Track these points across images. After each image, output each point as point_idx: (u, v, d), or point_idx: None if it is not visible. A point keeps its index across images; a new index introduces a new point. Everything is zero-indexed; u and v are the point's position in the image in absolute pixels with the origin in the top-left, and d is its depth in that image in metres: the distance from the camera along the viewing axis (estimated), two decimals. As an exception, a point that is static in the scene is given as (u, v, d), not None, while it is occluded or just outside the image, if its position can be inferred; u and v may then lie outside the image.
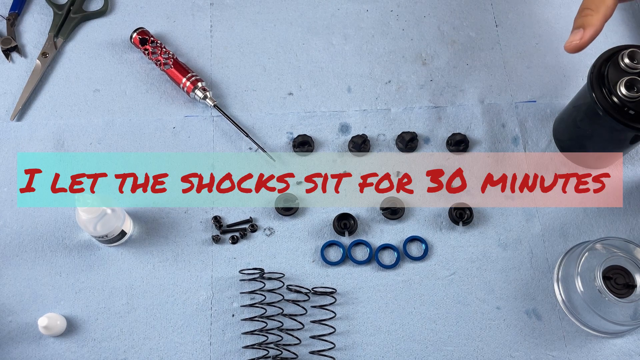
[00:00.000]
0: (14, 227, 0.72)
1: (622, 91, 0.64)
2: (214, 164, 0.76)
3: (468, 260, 0.72)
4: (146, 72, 0.80)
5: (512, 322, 0.70)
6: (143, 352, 0.68)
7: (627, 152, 0.76)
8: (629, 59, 0.65)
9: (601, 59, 0.68)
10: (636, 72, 0.66)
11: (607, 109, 0.66)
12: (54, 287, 0.70)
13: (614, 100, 0.65)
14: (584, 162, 0.76)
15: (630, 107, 0.64)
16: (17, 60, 0.81)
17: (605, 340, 0.69)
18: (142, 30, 0.80)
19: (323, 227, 0.73)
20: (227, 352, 0.68)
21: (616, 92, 0.65)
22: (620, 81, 0.65)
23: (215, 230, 0.73)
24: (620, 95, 0.65)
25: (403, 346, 0.69)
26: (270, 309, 0.68)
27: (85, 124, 0.77)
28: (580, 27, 0.65)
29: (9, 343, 0.67)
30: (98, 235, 0.67)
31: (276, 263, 0.72)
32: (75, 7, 0.83)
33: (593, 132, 0.72)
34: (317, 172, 0.76)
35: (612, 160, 0.77)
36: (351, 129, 0.78)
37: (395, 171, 0.76)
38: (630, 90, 0.64)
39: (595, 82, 0.67)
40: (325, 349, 0.67)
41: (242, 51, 0.82)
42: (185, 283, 0.70)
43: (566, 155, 0.77)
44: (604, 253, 0.69)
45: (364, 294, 0.71)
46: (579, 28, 0.65)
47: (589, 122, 0.70)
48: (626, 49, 0.66)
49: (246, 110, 0.79)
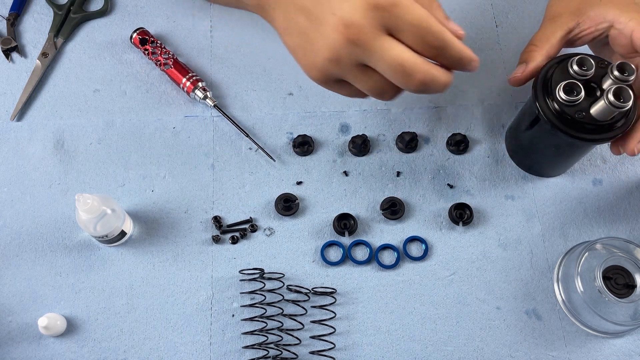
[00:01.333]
0: (14, 227, 0.72)
1: (561, 95, 0.64)
2: (214, 164, 0.76)
3: (468, 260, 0.72)
4: (146, 72, 0.80)
5: (512, 322, 0.70)
6: (143, 352, 0.68)
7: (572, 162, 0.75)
8: (577, 66, 0.64)
9: (549, 65, 0.67)
10: (585, 79, 0.65)
11: (547, 114, 0.65)
12: (54, 287, 0.70)
13: (554, 106, 0.65)
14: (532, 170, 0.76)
15: (569, 113, 0.64)
16: (17, 60, 0.81)
17: (605, 340, 0.69)
18: (142, 30, 0.80)
19: (323, 227, 0.73)
20: (227, 352, 0.68)
21: (555, 97, 0.64)
22: (559, 86, 0.64)
23: (215, 230, 0.73)
24: (559, 100, 0.64)
25: (403, 346, 0.69)
26: (270, 309, 0.68)
27: (85, 124, 0.77)
28: (523, 62, 0.70)
29: (9, 343, 0.67)
30: (98, 235, 0.67)
31: (276, 263, 0.72)
32: (75, 7, 0.83)
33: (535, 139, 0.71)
34: (317, 172, 0.76)
35: (561, 170, 0.76)
36: (351, 129, 0.78)
37: (395, 171, 0.76)
38: (570, 95, 0.63)
39: (539, 87, 0.66)
40: (325, 349, 0.67)
41: (242, 51, 0.82)
42: (185, 283, 0.70)
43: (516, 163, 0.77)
44: (604, 253, 0.69)
45: (364, 294, 0.71)
46: (522, 63, 0.70)
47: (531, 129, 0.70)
48: (576, 56, 0.65)
49: (246, 110, 0.79)
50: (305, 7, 0.60)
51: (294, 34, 0.62)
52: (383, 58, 0.57)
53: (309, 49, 0.61)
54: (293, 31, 0.62)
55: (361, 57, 0.58)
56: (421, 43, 0.57)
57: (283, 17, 0.63)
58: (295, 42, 0.62)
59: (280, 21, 0.63)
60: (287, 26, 0.62)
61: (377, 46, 0.57)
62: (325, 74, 0.61)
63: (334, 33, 0.57)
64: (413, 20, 0.57)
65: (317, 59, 0.60)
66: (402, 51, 0.57)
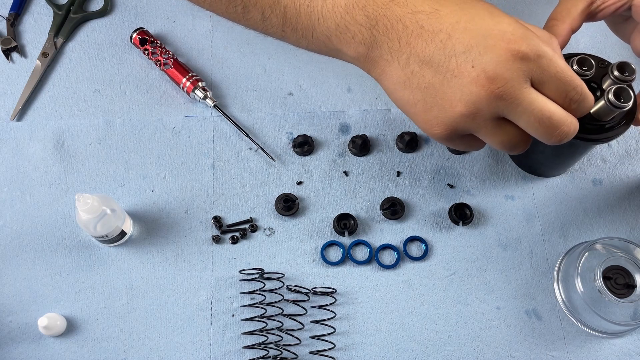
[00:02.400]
0: (14, 227, 0.72)
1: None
2: (214, 164, 0.76)
3: (468, 260, 0.72)
4: (146, 72, 0.80)
5: (512, 322, 0.70)
6: (143, 352, 0.68)
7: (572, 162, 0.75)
8: (577, 66, 0.64)
9: None
10: (585, 79, 0.64)
11: None
12: (54, 287, 0.70)
13: None
14: (532, 170, 0.76)
15: None
16: (17, 60, 0.81)
17: (605, 340, 0.69)
18: (142, 31, 0.80)
19: (323, 227, 0.73)
20: (227, 352, 0.68)
21: None
22: None
23: (215, 230, 0.73)
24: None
25: (403, 346, 0.69)
26: (270, 309, 0.68)
27: (85, 124, 0.77)
28: None
29: (9, 343, 0.67)
30: (98, 235, 0.67)
31: (276, 263, 0.72)
32: (75, 7, 0.83)
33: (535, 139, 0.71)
34: (317, 172, 0.76)
35: (561, 170, 0.76)
36: (351, 129, 0.78)
37: (395, 171, 0.76)
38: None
39: None
40: (325, 349, 0.67)
41: (242, 51, 0.82)
42: (185, 283, 0.70)
43: (516, 163, 0.77)
44: (604, 253, 0.69)
45: (364, 294, 0.71)
46: None
47: None
48: (576, 56, 0.64)
49: (246, 110, 0.79)
50: (433, 60, 0.55)
51: (416, 88, 0.57)
52: (529, 111, 0.54)
53: (436, 104, 0.56)
54: (414, 85, 0.57)
55: (503, 111, 0.55)
56: (563, 96, 0.55)
57: (401, 70, 0.57)
58: (416, 97, 0.57)
59: (395, 74, 0.58)
60: (407, 80, 0.57)
61: (523, 99, 0.54)
62: (453, 129, 0.57)
63: (474, 87, 0.54)
64: (557, 72, 0.55)
65: (447, 114, 0.56)
66: (547, 103, 0.55)
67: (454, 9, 0.56)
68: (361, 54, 0.59)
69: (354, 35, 0.58)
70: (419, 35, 0.55)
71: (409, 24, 0.56)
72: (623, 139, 0.79)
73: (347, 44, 0.59)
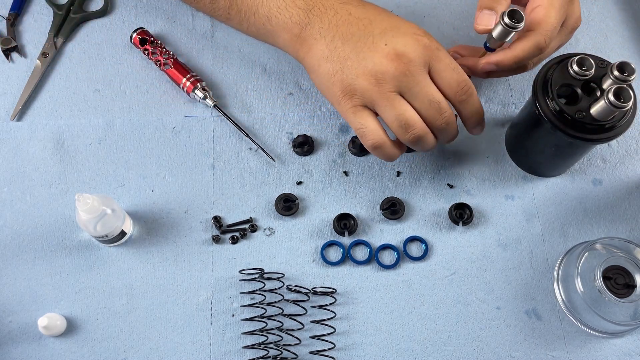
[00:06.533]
0: (14, 227, 0.72)
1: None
2: (214, 164, 0.76)
3: (468, 260, 0.72)
4: (146, 72, 0.80)
5: (512, 322, 0.70)
6: (143, 352, 0.68)
7: (572, 162, 0.75)
8: (577, 66, 0.64)
9: (548, 65, 0.67)
10: (585, 79, 0.65)
11: (547, 114, 0.65)
12: (54, 287, 0.70)
13: (554, 106, 0.65)
14: (532, 170, 0.76)
15: (569, 113, 0.64)
16: (17, 60, 0.81)
17: (605, 340, 0.69)
18: (142, 30, 0.80)
19: (323, 227, 0.73)
20: (227, 352, 0.68)
21: (555, 97, 0.64)
22: (559, 86, 0.64)
23: (215, 230, 0.73)
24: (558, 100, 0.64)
25: (403, 346, 0.69)
26: (270, 309, 0.68)
27: (85, 124, 0.77)
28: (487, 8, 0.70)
29: (9, 343, 0.67)
30: (98, 235, 0.67)
31: (276, 263, 0.72)
32: (75, 7, 0.83)
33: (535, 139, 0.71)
34: (317, 172, 0.76)
35: (561, 170, 0.76)
36: (351, 129, 0.78)
37: (395, 171, 0.76)
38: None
39: (539, 87, 0.66)
40: (325, 349, 0.67)
41: (242, 51, 0.82)
42: (185, 283, 0.70)
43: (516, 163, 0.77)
44: (604, 253, 0.69)
45: (364, 294, 0.71)
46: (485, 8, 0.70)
47: (531, 129, 0.70)
48: (575, 56, 0.65)
49: (246, 110, 0.79)
50: (354, 37, 0.65)
51: (336, 59, 0.66)
52: (424, 92, 0.64)
53: (351, 73, 0.65)
54: (335, 57, 0.66)
55: (403, 88, 0.64)
56: (455, 85, 0.65)
57: (326, 47, 0.66)
58: (335, 68, 0.66)
59: (320, 50, 0.67)
60: (329, 54, 0.66)
61: (420, 80, 0.64)
62: (361, 97, 0.65)
63: (384, 60, 0.64)
64: (451, 63, 0.65)
65: (359, 82, 0.64)
66: (438, 91, 0.65)
67: (376, 7, 0.68)
68: (294, 34, 0.68)
69: (291, 16, 0.68)
70: (346, 20, 0.66)
71: (339, 10, 0.67)
72: (623, 139, 0.79)
73: (284, 24, 0.68)
